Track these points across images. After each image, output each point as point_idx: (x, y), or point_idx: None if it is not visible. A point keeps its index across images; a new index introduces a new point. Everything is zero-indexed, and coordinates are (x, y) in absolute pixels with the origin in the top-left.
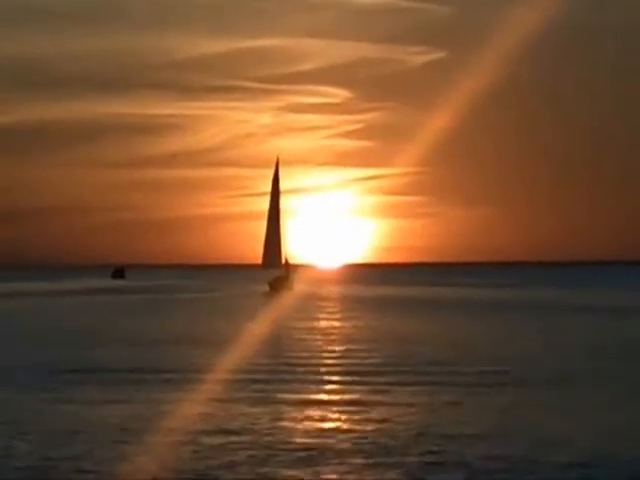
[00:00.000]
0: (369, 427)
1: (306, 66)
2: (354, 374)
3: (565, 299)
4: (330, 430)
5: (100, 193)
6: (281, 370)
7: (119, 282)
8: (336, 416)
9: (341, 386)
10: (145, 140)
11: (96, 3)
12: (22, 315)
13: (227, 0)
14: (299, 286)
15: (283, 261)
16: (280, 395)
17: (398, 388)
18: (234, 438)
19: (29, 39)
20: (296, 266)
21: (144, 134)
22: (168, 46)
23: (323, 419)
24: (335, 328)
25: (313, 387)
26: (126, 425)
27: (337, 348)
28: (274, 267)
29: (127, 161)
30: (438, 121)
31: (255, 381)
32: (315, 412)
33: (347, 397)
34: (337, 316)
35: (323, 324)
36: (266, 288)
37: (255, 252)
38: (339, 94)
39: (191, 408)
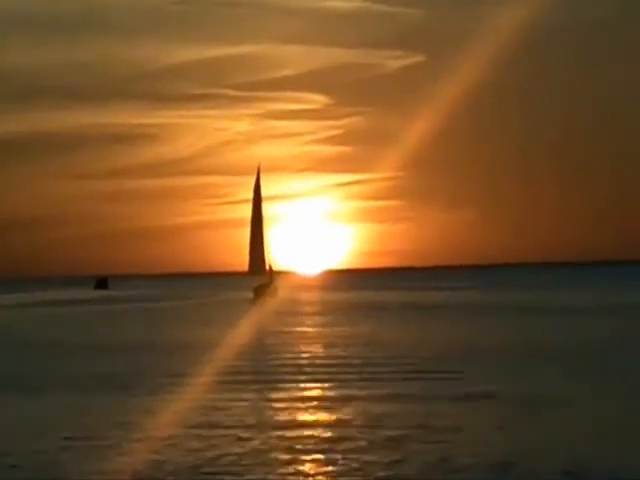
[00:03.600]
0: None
1: (283, 72)
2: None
3: (540, 301)
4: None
5: (79, 204)
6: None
7: (102, 292)
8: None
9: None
10: (122, 150)
11: (69, 14)
12: (5, 326)
13: (202, 8)
14: (283, 293)
15: (267, 268)
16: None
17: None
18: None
19: (2, 51)
20: (279, 273)
21: (121, 144)
22: (143, 55)
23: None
24: (314, 333)
25: (283, 387)
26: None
27: (316, 352)
28: (259, 274)
29: (105, 172)
30: (417, 125)
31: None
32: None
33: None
34: (317, 322)
35: (303, 330)
36: (251, 295)
37: (237, 259)
38: (317, 100)
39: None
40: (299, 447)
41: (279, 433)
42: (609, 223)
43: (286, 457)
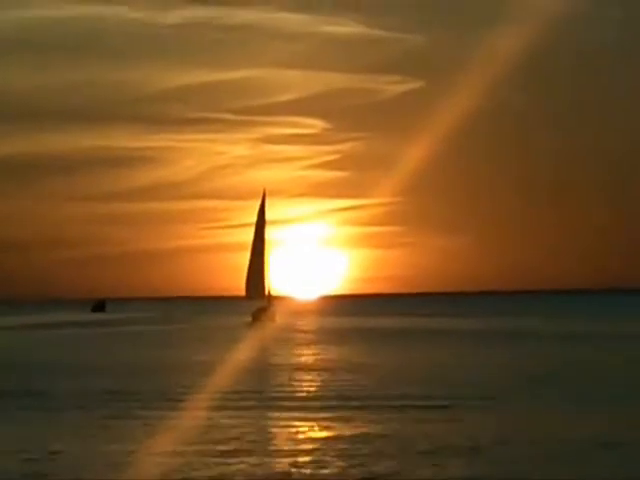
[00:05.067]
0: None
1: (282, 97)
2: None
3: (539, 328)
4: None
5: (78, 226)
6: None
7: (99, 315)
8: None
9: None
10: (121, 173)
11: (68, 37)
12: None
13: (200, 32)
14: (280, 318)
15: (266, 293)
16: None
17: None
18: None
19: (1, 73)
20: (276, 298)
21: (120, 167)
22: (142, 79)
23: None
24: (312, 359)
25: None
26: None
27: (311, 378)
28: (258, 298)
29: (104, 194)
30: (415, 151)
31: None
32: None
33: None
34: (313, 348)
35: (298, 356)
36: (249, 319)
37: (235, 283)
38: (315, 125)
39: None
40: None
41: None
42: (608, 250)
43: None
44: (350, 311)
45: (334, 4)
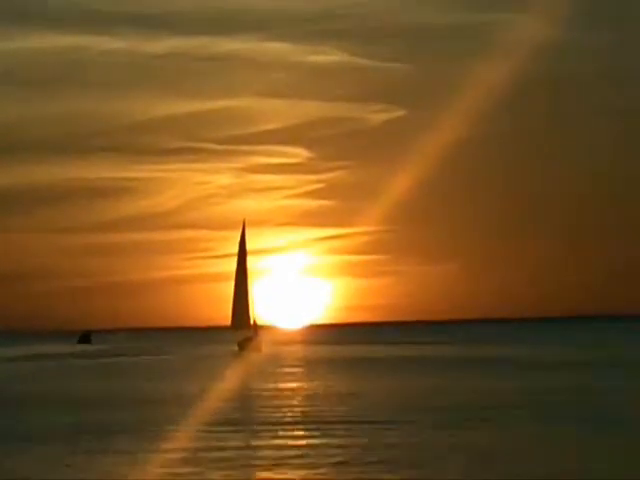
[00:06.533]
0: None
1: (265, 126)
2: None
3: (514, 355)
4: None
5: (63, 258)
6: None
7: (86, 347)
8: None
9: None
10: (105, 204)
11: (50, 67)
12: None
13: (183, 62)
14: (266, 347)
15: (251, 322)
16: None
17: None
18: None
19: None
20: (261, 327)
21: (103, 198)
22: (125, 109)
23: None
24: (299, 389)
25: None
26: None
27: (295, 405)
28: (243, 328)
29: (88, 225)
30: (399, 179)
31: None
32: None
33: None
34: (300, 377)
35: (285, 386)
36: (235, 349)
37: (220, 313)
38: (299, 154)
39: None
40: None
41: None
42: (593, 279)
43: None
44: (334, 340)
45: (317, 33)
